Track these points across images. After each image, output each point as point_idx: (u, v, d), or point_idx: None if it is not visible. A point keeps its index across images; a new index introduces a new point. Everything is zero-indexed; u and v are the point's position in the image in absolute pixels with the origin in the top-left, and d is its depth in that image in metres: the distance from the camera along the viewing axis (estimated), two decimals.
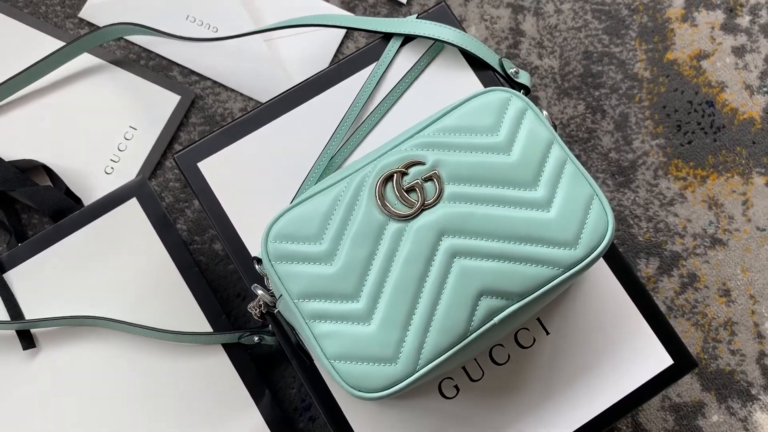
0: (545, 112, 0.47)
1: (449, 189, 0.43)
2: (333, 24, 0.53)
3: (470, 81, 0.52)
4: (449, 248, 0.42)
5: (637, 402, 0.49)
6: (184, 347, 0.56)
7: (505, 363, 0.50)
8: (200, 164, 0.51)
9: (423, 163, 0.43)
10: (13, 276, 0.56)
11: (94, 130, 0.64)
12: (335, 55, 0.67)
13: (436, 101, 0.51)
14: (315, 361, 0.47)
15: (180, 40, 0.64)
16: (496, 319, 0.42)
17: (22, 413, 0.54)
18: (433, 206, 0.43)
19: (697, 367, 0.56)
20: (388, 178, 0.43)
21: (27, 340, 0.55)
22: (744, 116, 0.66)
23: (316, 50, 0.66)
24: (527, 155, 0.43)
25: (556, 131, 0.46)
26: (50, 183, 0.62)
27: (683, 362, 0.50)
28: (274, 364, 0.61)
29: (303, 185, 0.49)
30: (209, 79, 0.66)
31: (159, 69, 0.66)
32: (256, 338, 0.57)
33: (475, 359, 0.50)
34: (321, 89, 0.52)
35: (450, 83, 0.52)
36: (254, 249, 0.50)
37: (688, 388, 0.62)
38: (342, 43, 0.67)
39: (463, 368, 0.50)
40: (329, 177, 0.45)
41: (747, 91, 0.66)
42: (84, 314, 0.56)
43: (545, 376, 0.49)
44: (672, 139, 0.67)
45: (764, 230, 0.64)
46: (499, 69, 0.52)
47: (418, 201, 0.43)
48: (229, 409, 0.55)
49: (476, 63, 0.52)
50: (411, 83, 0.52)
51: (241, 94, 0.66)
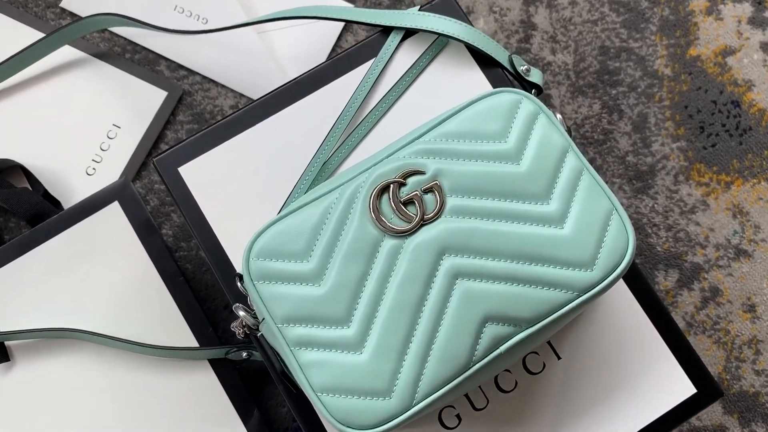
0: (559, 116, 0.45)
1: (451, 202, 0.41)
2: (329, 16, 0.52)
3: (477, 80, 0.50)
4: (451, 268, 0.40)
5: None
6: (168, 362, 0.55)
7: (512, 390, 0.48)
8: (181, 169, 0.49)
9: (423, 173, 0.42)
10: None
11: (75, 128, 0.63)
12: (333, 50, 0.66)
13: (439, 103, 0.50)
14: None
15: (167, 33, 0.63)
16: (503, 348, 0.40)
17: None
18: (434, 221, 0.41)
19: (723, 396, 0.54)
20: (384, 189, 0.41)
21: (1, 354, 0.54)
22: None
23: (313, 44, 0.66)
24: (539, 164, 0.42)
25: (571, 136, 0.44)
26: (27, 185, 0.62)
27: (708, 391, 0.48)
28: (264, 382, 0.60)
29: (292, 194, 0.47)
30: (198, 74, 0.65)
31: (145, 63, 0.65)
32: (245, 354, 0.55)
33: (479, 386, 0.48)
34: (313, 88, 0.50)
35: (454, 82, 0.50)
36: (239, 262, 0.48)
37: (709, 411, 0.61)
38: (341, 37, 0.66)
39: (466, 396, 0.49)
40: (319, 186, 0.43)
41: None
42: (62, 326, 0.55)
43: (556, 405, 0.48)
44: (694, 142, 0.65)
45: None
46: (509, 66, 0.50)
47: (417, 215, 0.41)
48: (216, 429, 0.54)
49: (484, 60, 0.51)
50: (411, 82, 0.50)
51: (232, 90, 0.65)
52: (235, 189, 0.49)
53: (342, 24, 0.66)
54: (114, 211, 0.57)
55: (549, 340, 0.49)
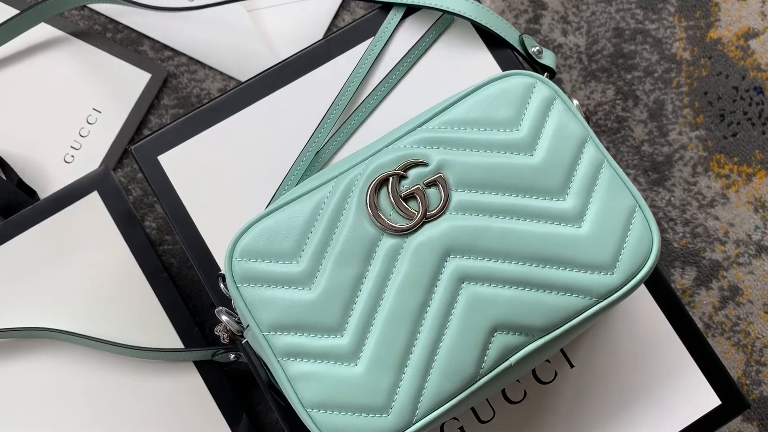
0: (575, 101, 0.43)
1: (457, 197, 0.40)
2: None
3: (485, 61, 0.49)
4: (456, 271, 0.39)
5: None
6: (151, 364, 0.54)
7: (521, 401, 0.47)
8: (161, 158, 0.48)
9: (426, 164, 0.40)
10: None
11: (52, 113, 0.62)
12: (329, 29, 0.64)
13: (443, 86, 0.48)
14: None
15: (151, 10, 0.62)
16: (513, 360, 0.39)
17: None
18: (437, 218, 0.40)
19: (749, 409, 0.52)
20: (382, 183, 0.40)
21: None
22: None
23: (307, 23, 0.64)
24: (555, 156, 0.40)
25: (589, 123, 0.45)
26: (0, 173, 0.60)
27: (733, 403, 0.47)
28: (254, 385, 0.58)
29: (281, 186, 0.46)
30: (184, 55, 0.64)
31: (127, 43, 0.64)
32: (233, 356, 0.54)
33: None
34: (305, 70, 0.49)
35: (460, 64, 0.49)
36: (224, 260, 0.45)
37: None
38: (337, 15, 0.65)
39: (471, 407, 0.47)
40: (311, 178, 0.42)
41: None
42: (36, 325, 0.54)
43: (568, 418, 0.47)
44: (714, 131, 0.64)
45: None
46: (520, 47, 0.49)
47: (419, 211, 0.40)
48: None
49: (492, 40, 0.50)
50: (413, 64, 0.49)
51: (221, 73, 0.63)
52: (220, 180, 0.48)
53: (338, 1, 0.65)
54: (93, 202, 0.55)
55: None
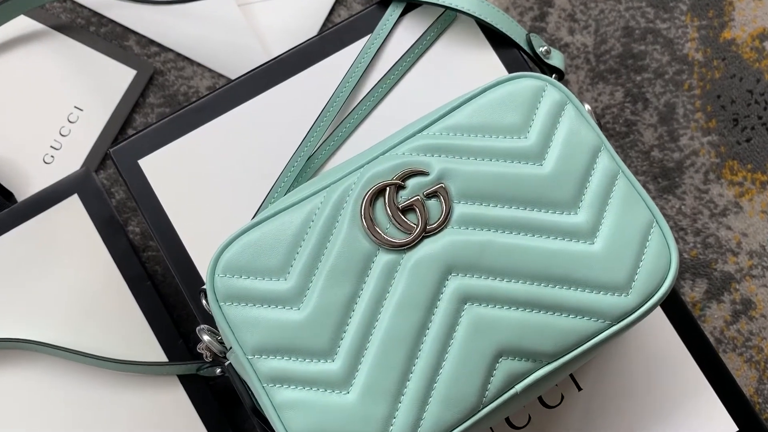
0: (587, 106, 0.42)
1: (460, 209, 0.39)
2: None
3: (490, 62, 0.48)
4: (458, 290, 0.38)
5: None
6: (133, 378, 0.53)
7: (525, 426, 0.46)
8: (142, 162, 0.47)
9: (426, 174, 0.39)
10: None
11: (31, 111, 0.60)
12: (324, 25, 0.63)
13: (446, 89, 0.47)
14: None
15: (138, 3, 0.61)
16: (519, 387, 0.37)
17: None
18: (438, 232, 0.38)
19: None
20: (379, 193, 0.39)
21: None
22: None
23: (302, 18, 0.63)
24: (566, 165, 0.39)
25: (602, 129, 0.44)
26: None
27: (750, 429, 0.46)
28: (240, 401, 0.55)
29: (270, 195, 0.45)
30: (172, 51, 0.62)
31: (112, 37, 0.63)
32: (219, 370, 0.52)
33: None
34: (297, 68, 0.48)
35: (464, 65, 0.48)
36: None
37: None
38: (332, 11, 0.63)
39: None
40: (302, 187, 0.41)
41: None
42: (12, 336, 0.53)
43: None
44: (727, 136, 0.63)
45: None
46: (526, 47, 0.48)
47: (418, 225, 0.38)
48: None
49: (498, 39, 0.49)
50: (413, 64, 0.48)
51: (210, 70, 0.62)
52: (205, 186, 0.47)
53: None
54: (73, 205, 0.54)
55: None
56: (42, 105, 0.60)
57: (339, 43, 0.48)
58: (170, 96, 0.62)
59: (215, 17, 0.62)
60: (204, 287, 0.40)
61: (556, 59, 0.48)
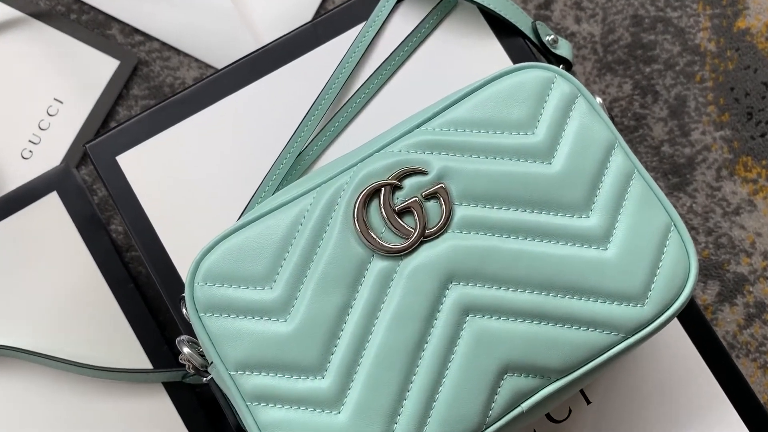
0: (599, 99, 0.41)
1: (461, 212, 0.38)
2: None
3: (493, 51, 0.48)
4: (459, 301, 0.37)
5: None
6: (116, 385, 0.52)
7: None
8: (121, 158, 0.46)
9: (425, 173, 0.38)
10: None
11: (9, 103, 0.60)
12: (317, 12, 0.63)
13: (446, 80, 0.47)
14: None
15: None
16: (525, 406, 0.36)
17: None
18: (438, 237, 0.37)
19: None
20: (373, 194, 0.38)
21: None
22: None
23: (294, 4, 0.62)
24: (577, 164, 0.38)
25: (615, 124, 0.43)
26: None
27: None
28: None
29: (257, 194, 0.44)
30: (157, 40, 0.62)
31: (94, 26, 0.62)
32: (205, 378, 0.49)
33: None
34: (287, 58, 0.47)
35: (465, 54, 0.48)
36: None
37: None
38: None
39: None
40: (290, 187, 0.40)
41: None
42: None
43: None
44: (741, 131, 0.62)
45: None
46: (532, 36, 0.47)
47: (416, 229, 0.37)
48: None
49: (501, 27, 0.48)
50: (411, 53, 0.48)
51: (197, 60, 0.61)
52: (187, 185, 0.46)
53: None
54: (52, 203, 0.53)
55: None
56: (19, 97, 0.60)
57: (332, 31, 0.48)
58: (155, 88, 0.61)
59: (203, 4, 0.62)
60: (183, 295, 0.38)
61: (564, 49, 0.47)
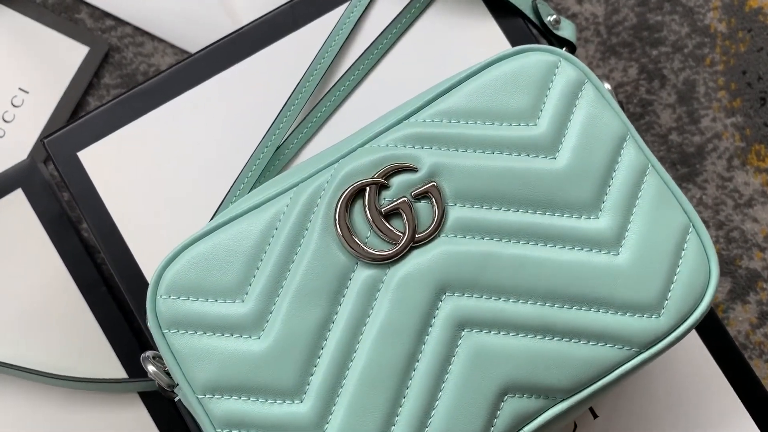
0: (607, 85, 0.39)
1: (456, 213, 0.36)
2: None
3: (490, 33, 0.46)
4: (454, 314, 0.35)
5: None
6: (89, 396, 0.51)
7: None
8: (82, 154, 0.44)
9: (414, 170, 0.36)
10: None
11: None
12: None
13: (438, 66, 0.45)
14: None
15: None
16: (528, 429, 0.34)
17: None
18: (430, 242, 0.36)
19: None
20: (357, 194, 0.36)
21: None
22: None
23: None
24: (584, 159, 0.36)
25: (624, 111, 0.42)
26: None
27: None
28: None
29: (231, 192, 0.42)
30: (129, 25, 0.60)
31: (61, 9, 0.60)
32: (174, 398, 0.49)
33: None
34: (264, 42, 0.46)
35: (459, 36, 0.46)
36: None
37: None
38: None
39: None
40: (265, 185, 0.38)
41: None
42: None
43: None
44: (753, 117, 0.61)
45: None
46: (533, 16, 0.46)
47: (405, 233, 0.36)
48: None
49: (499, 6, 0.47)
50: (399, 36, 0.46)
51: (172, 46, 0.60)
52: (155, 183, 0.44)
53: None
54: (18, 201, 0.52)
55: None
56: None
57: (313, 12, 0.46)
58: (128, 75, 0.59)
59: None
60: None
61: (567, 30, 0.45)
